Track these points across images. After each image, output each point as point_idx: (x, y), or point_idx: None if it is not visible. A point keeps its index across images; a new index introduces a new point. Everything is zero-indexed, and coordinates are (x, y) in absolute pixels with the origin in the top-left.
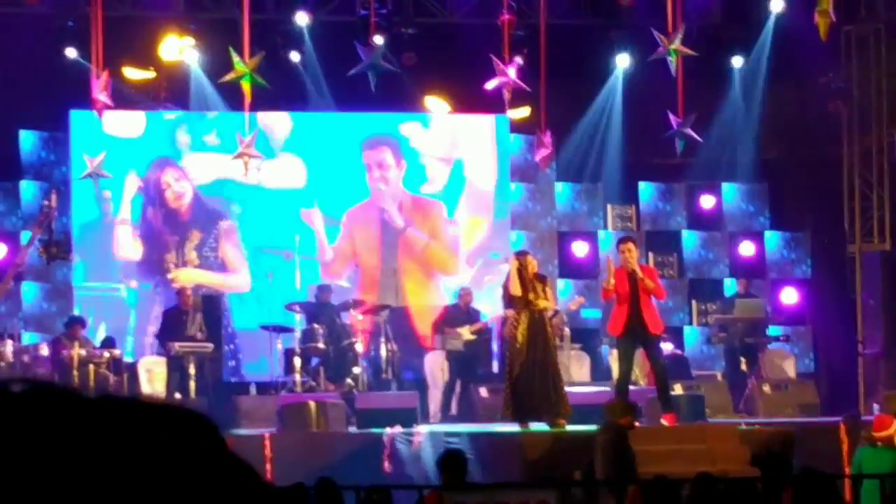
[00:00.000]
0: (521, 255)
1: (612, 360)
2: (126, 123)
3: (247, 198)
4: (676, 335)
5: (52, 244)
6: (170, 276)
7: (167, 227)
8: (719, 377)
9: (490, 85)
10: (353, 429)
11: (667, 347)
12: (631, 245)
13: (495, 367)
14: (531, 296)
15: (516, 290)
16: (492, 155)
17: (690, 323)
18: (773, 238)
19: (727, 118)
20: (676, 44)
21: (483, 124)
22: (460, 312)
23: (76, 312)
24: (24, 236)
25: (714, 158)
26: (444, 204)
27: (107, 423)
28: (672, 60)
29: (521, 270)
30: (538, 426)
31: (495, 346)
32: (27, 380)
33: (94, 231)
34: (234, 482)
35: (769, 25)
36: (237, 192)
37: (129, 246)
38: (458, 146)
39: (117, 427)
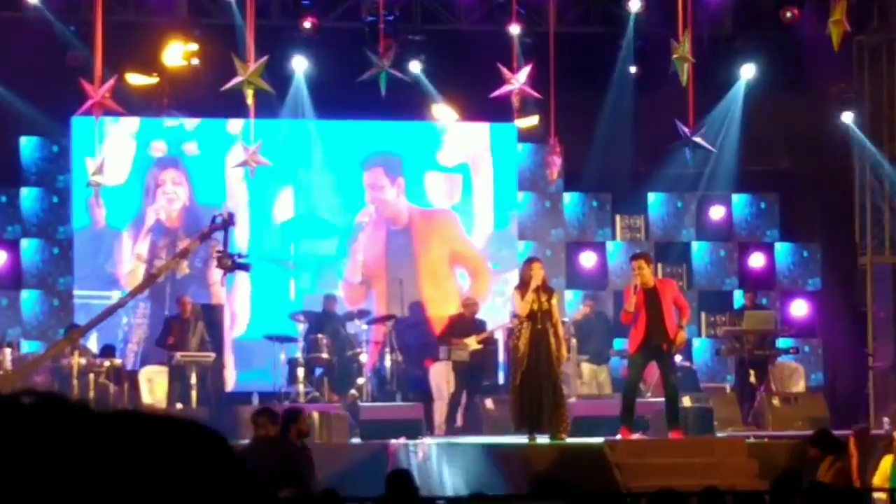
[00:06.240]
0: (529, 263)
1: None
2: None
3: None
4: (685, 347)
5: (227, 256)
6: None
7: (156, 232)
8: (728, 390)
9: (496, 93)
10: (356, 440)
11: (675, 359)
12: (642, 262)
13: (501, 378)
14: (535, 306)
15: (522, 309)
16: (488, 162)
17: (699, 335)
18: (783, 250)
19: (736, 128)
20: (683, 51)
21: (479, 131)
22: (466, 322)
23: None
24: (30, 244)
25: (724, 169)
26: (456, 214)
27: (115, 435)
28: (681, 69)
29: (529, 278)
30: (544, 438)
31: (501, 358)
32: (35, 392)
33: (87, 238)
34: (242, 494)
35: (780, 35)
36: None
37: (128, 262)
38: (461, 155)
39: (126, 440)
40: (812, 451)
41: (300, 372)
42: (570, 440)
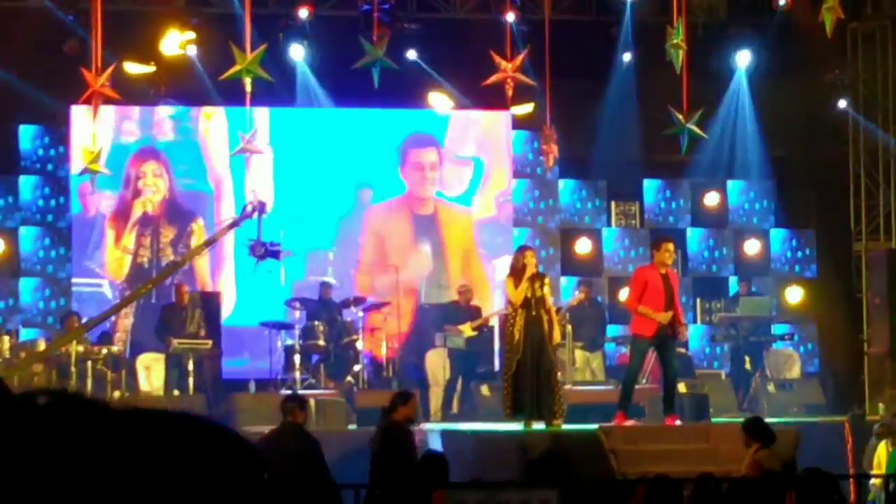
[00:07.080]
0: (522, 251)
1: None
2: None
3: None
4: None
5: (259, 244)
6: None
7: (140, 223)
8: (723, 376)
9: (489, 81)
10: (353, 427)
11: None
12: (671, 246)
13: (497, 365)
14: (528, 293)
15: (517, 297)
16: (506, 150)
17: (695, 321)
18: (778, 236)
19: (732, 115)
20: (678, 39)
21: (497, 120)
22: (461, 309)
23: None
24: (28, 232)
25: (719, 156)
26: (471, 209)
27: (133, 435)
28: (675, 56)
29: (522, 266)
30: (539, 425)
31: (497, 345)
32: (49, 391)
33: (83, 226)
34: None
35: (775, 22)
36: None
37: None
38: (475, 145)
39: (143, 439)
40: (743, 436)
41: (296, 359)
42: (565, 426)
